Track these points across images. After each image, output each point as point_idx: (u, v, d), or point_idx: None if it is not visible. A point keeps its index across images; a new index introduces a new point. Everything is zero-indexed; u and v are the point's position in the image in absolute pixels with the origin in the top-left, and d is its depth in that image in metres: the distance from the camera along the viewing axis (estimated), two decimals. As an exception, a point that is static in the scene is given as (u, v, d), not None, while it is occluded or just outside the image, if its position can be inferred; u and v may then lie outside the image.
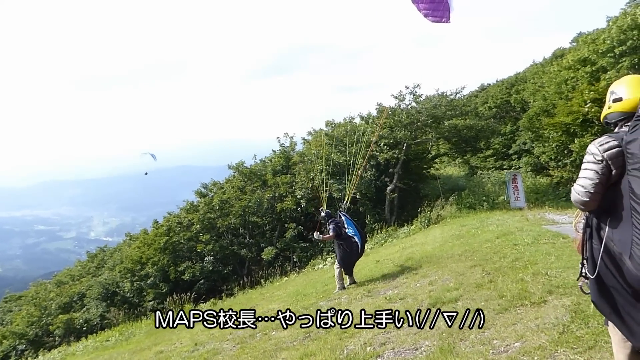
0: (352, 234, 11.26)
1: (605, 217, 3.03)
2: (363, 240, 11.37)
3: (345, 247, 11.20)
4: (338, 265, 11.29)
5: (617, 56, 24.85)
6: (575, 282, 5.68)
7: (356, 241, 11.16)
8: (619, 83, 3.22)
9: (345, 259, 11.21)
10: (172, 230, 28.61)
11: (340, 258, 11.24)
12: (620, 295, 2.94)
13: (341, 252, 11.23)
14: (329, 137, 26.14)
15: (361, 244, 11.23)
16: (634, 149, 2.78)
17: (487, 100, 43.45)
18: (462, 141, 28.31)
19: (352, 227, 11.37)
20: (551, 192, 27.41)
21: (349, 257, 11.22)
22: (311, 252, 26.19)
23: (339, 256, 11.27)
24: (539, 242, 9.82)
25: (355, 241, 11.17)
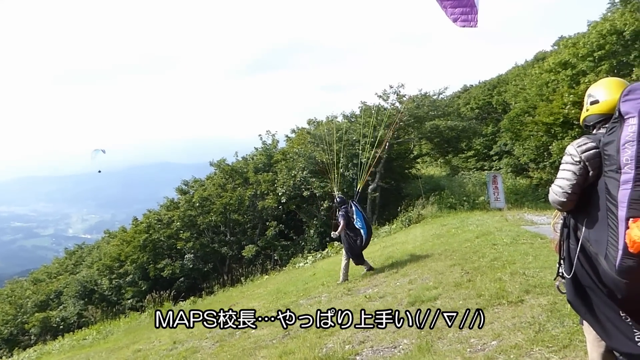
0: (359, 227, 11.09)
1: (582, 217, 3.06)
2: (369, 234, 11.23)
3: (352, 238, 11.09)
4: (346, 257, 11.21)
5: (596, 60, 25.25)
6: (551, 282, 5.74)
7: (362, 235, 11.03)
8: (595, 86, 3.26)
9: (352, 250, 11.14)
10: (151, 228, 28.35)
11: (348, 249, 11.16)
12: (595, 295, 2.97)
13: (349, 242, 11.13)
14: (312, 135, 26.14)
15: (366, 238, 11.10)
16: (610, 151, 2.81)
17: (470, 101, 43.83)
18: (444, 141, 28.51)
19: (361, 219, 11.17)
20: (530, 193, 27.75)
21: (354, 248, 11.14)
22: (292, 250, 26.17)
23: (347, 246, 11.17)
24: (517, 242, 9.92)
25: (361, 234, 11.04)
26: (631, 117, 2.72)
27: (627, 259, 2.69)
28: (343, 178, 24.21)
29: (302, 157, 25.66)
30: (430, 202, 22.87)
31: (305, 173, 25.32)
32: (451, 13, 6.15)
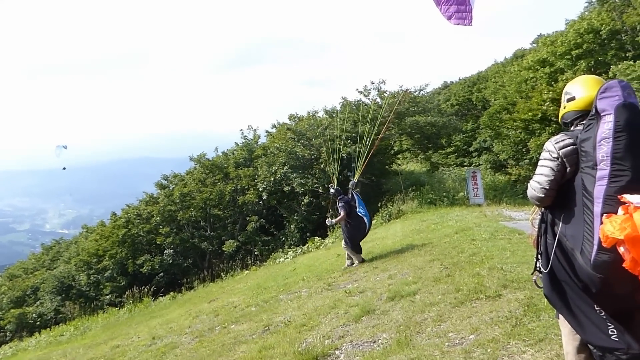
0: (362, 214, 11.21)
1: (559, 213, 3.10)
2: (371, 221, 11.42)
3: (354, 226, 11.14)
4: (345, 245, 11.28)
5: (574, 58, 25.61)
6: (528, 277, 5.81)
7: (365, 222, 11.17)
8: (572, 83, 3.29)
9: (352, 238, 11.18)
10: (130, 223, 28.06)
11: (348, 237, 11.16)
12: (571, 290, 3.01)
13: (349, 231, 11.14)
14: (292, 130, 26.08)
15: (368, 225, 11.30)
16: (587, 147, 2.85)
17: (450, 98, 44.17)
18: (424, 137, 28.65)
19: (364, 207, 11.33)
20: (509, 189, 28.07)
21: (356, 236, 11.22)
22: (273, 245, 26.11)
23: (347, 235, 11.17)
24: (495, 238, 10.04)
25: (364, 222, 11.17)
26: (607, 114, 2.76)
27: (601, 254, 2.73)
28: (324, 173, 24.21)
29: (283, 153, 25.59)
30: (410, 197, 23.00)
31: (286, 168, 25.26)
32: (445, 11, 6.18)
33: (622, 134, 2.69)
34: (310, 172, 24.95)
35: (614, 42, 25.32)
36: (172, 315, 13.43)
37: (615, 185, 2.69)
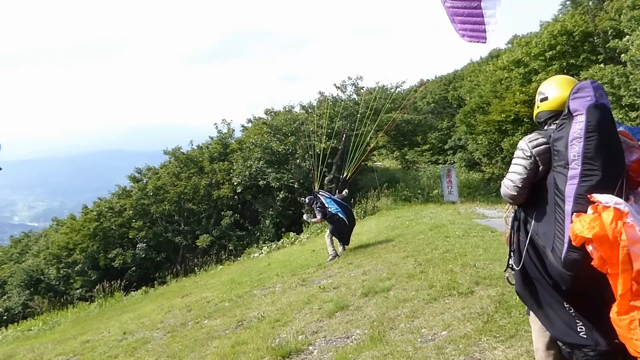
0: (334, 211, 11.47)
1: (532, 211, 3.14)
2: (347, 213, 11.63)
3: (334, 223, 11.55)
4: (329, 235, 11.67)
5: (547, 60, 26.03)
6: (500, 274, 5.89)
7: (340, 217, 11.41)
8: (546, 83, 3.34)
9: (335, 232, 11.64)
10: (102, 216, 27.62)
11: (338, 235, 11.69)
12: (542, 287, 3.06)
13: (337, 229, 11.62)
14: (268, 125, 25.97)
15: (346, 217, 11.50)
16: (559, 147, 2.89)
17: (426, 96, 44.46)
18: (400, 134, 28.81)
19: (333, 204, 11.59)
20: (483, 187, 28.46)
21: (339, 231, 11.63)
22: (247, 240, 26.02)
23: (337, 234, 11.69)
24: (469, 235, 10.15)
25: (339, 217, 11.42)
26: (579, 114, 2.80)
27: (572, 252, 2.78)
28: (299, 169, 24.17)
29: (258, 147, 25.47)
30: (385, 194, 23.13)
31: (261, 163, 25.15)
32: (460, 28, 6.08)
33: (593, 134, 2.74)
34: (285, 167, 24.89)
35: (586, 44, 25.83)
36: (144, 310, 13.28)
37: (586, 185, 2.73)
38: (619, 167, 2.79)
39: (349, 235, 11.84)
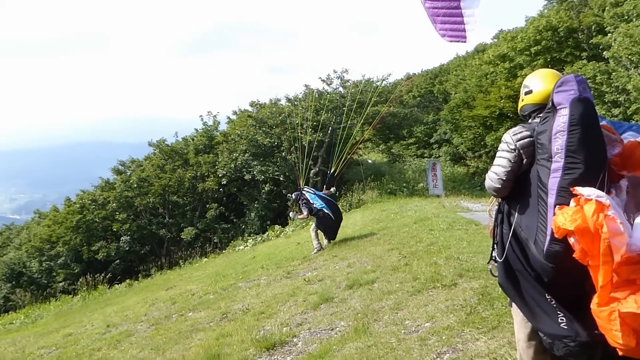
0: (320, 207, 11.57)
1: (515, 203, 3.17)
2: (332, 208, 11.73)
3: (320, 219, 11.67)
4: (314, 229, 11.83)
5: (532, 55, 26.22)
6: (483, 267, 5.94)
7: (326, 212, 11.50)
8: (530, 77, 3.36)
9: (321, 227, 11.78)
10: (85, 209, 27.33)
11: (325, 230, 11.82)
12: (524, 279, 3.09)
13: (324, 224, 11.74)
14: (254, 118, 25.87)
15: (332, 212, 11.58)
16: (543, 140, 2.91)
17: (412, 89, 44.55)
18: (386, 128, 28.86)
19: (318, 200, 11.70)
20: (467, 181, 28.66)
21: (325, 225, 11.74)
22: (232, 233, 25.94)
23: (323, 229, 11.83)
24: (453, 228, 10.21)
25: (325, 213, 11.51)
26: (563, 107, 2.82)
27: (554, 244, 2.81)
28: (285, 162, 24.13)
29: (244, 140, 25.36)
30: (370, 187, 23.18)
31: (247, 156, 25.05)
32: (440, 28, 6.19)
33: (577, 127, 2.76)
34: (271, 160, 24.83)
35: (570, 40, 26.05)
36: (127, 302, 13.20)
37: (569, 178, 2.76)
38: (601, 161, 2.82)
39: (335, 229, 11.90)
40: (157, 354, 6.90)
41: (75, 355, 8.28)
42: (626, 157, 2.99)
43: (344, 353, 4.76)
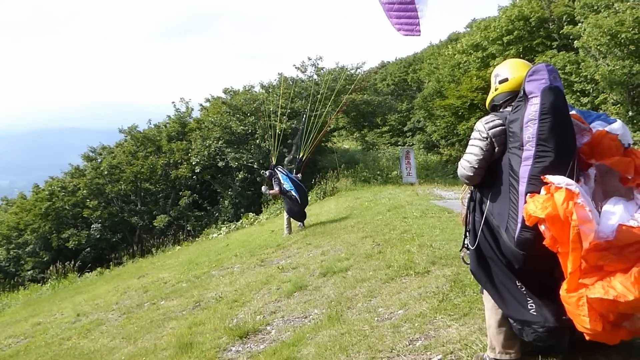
0: (288, 189, 12.12)
1: (487, 191, 3.20)
2: (300, 192, 12.21)
3: (288, 201, 12.29)
4: (287, 215, 12.52)
5: (505, 44, 26.49)
6: (456, 254, 6.00)
7: (294, 195, 12.04)
8: (502, 66, 3.37)
9: (290, 211, 12.42)
10: (55, 196, 26.78)
11: (289, 210, 12.44)
12: (496, 266, 3.13)
13: (286, 204, 12.48)
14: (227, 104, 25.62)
15: (299, 196, 12.10)
16: (515, 128, 2.94)
17: (386, 77, 44.66)
18: (360, 116, 28.89)
19: (288, 182, 12.24)
20: (440, 169, 28.93)
21: (293, 209, 12.37)
22: (206, 221, 25.76)
23: (287, 208, 12.48)
24: (426, 216, 10.30)
25: (292, 195, 12.06)
26: (534, 96, 2.85)
27: (524, 231, 2.85)
28: (259, 149, 23.99)
29: (217, 127, 25.10)
30: (344, 175, 23.22)
31: (220, 143, 24.83)
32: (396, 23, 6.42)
33: (547, 116, 2.79)
34: (245, 147, 24.65)
35: (542, 30, 26.36)
36: (98, 291, 13.02)
37: (540, 166, 2.79)
38: (571, 149, 2.86)
39: (302, 213, 12.52)
40: (128, 342, 6.84)
41: (45, 344, 8.15)
42: (594, 146, 3.04)
43: (317, 341, 4.77)
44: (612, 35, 19.20)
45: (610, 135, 3.02)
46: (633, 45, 19.48)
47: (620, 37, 19.06)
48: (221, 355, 5.30)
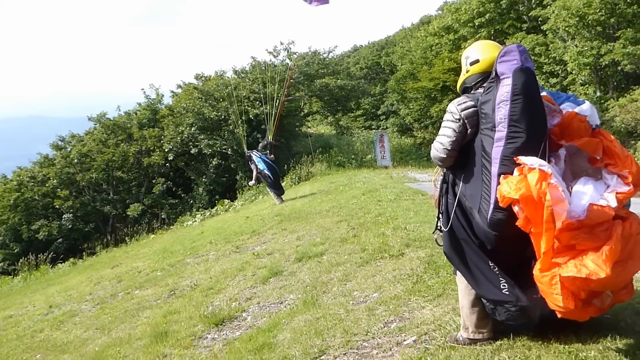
0: (262, 168, 14.32)
1: (460, 173, 3.20)
2: (272, 171, 14.39)
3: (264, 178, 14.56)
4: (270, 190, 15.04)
5: (476, 27, 26.66)
6: (430, 236, 6.04)
7: (266, 173, 14.27)
8: (472, 48, 3.35)
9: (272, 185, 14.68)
10: (23, 186, 26.21)
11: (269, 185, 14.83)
12: (468, 247, 3.14)
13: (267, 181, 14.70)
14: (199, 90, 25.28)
15: (271, 173, 14.34)
16: (487, 109, 2.94)
17: (359, 61, 44.60)
18: (333, 100, 28.82)
19: (261, 162, 14.42)
20: (414, 152, 29.13)
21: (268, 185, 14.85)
22: (180, 208, 25.53)
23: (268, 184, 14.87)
24: (400, 199, 10.34)
25: (265, 173, 14.30)
26: (506, 77, 2.85)
27: (497, 212, 2.87)
28: (233, 135, 23.77)
29: (190, 113, 24.78)
30: (319, 160, 23.20)
31: (193, 129, 24.53)
32: None
33: (519, 97, 2.79)
34: (218, 133, 24.41)
35: (512, 12, 26.59)
36: (71, 282, 12.81)
37: (512, 147, 2.80)
38: (542, 130, 2.88)
39: (277, 185, 14.89)
40: (102, 333, 6.74)
41: (17, 337, 8.00)
42: (564, 127, 3.06)
43: (293, 326, 4.76)
44: (580, 16, 19.46)
45: (579, 116, 3.04)
46: (600, 26, 19.79)
47: (588, 19, 19.34)
48: (197, 343, 5.26)
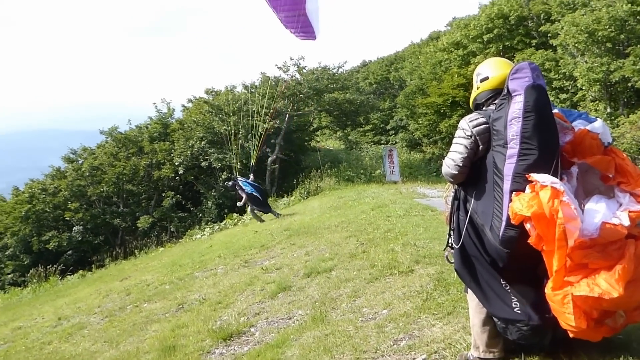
0: (250, 191, 15.30)
1: (471, 190, 3.19)
2: (259, 191, 15.63)
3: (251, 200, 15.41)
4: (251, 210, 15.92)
5: (485, 42, 26.73)
6: (440, 252, 6.00)
7: (255, 195, 15.37)
8: (483, 65, 3.37)
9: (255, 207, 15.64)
10: (35, 198, 26.38)
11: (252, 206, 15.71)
12: (480, 264, 3.12)
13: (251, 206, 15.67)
14: (210, 104, 25.48)
15: (259, 194, 15.59)
16: (499, 126, 2.94)
17: (368, 76, 44.77)
18: (342, 115, 28.90)
19: (248, 185, 15.43)
20: (423, 167, 29.05)
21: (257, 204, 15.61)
22: (189, 222, 25.55)
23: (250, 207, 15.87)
24: (410, 215, 10.29)
25: (254, 195, 15.37)
26: (518, 94, 2.85)
27: (509, 229, 2.85)
28: (242, 149, 23.87)
29: (200, 127, 24.95)
30: (328, 174, 23.21)
31: (203, 143, 24.68)
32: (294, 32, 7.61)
33: (531, 114, 2.79)
34: (228, 147, 24.54)
35: (521, 28, 26.66)
36: (80, 294, 12.84)
37: (524, 164, 2.79)
38: (554, 147, 2.87)
39: (266, 204, 16.05)
40: (110, 346, 6.73)
41: (25, 349, 8.00)
42: (576, 145, 3.05)
43: (302, 342, 4.73)
44: (589, 33, 19.47)
45: (591, 134, 3.04)
46: (610, 42, 19.77)
47: (597, 35, 19.34)
48: (205, 358, 5.24)
